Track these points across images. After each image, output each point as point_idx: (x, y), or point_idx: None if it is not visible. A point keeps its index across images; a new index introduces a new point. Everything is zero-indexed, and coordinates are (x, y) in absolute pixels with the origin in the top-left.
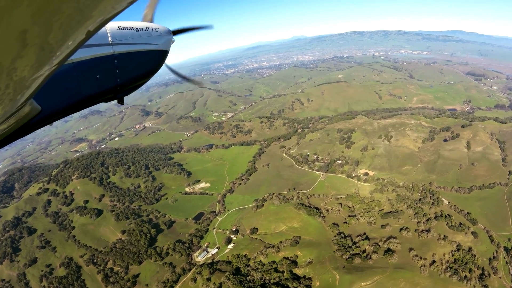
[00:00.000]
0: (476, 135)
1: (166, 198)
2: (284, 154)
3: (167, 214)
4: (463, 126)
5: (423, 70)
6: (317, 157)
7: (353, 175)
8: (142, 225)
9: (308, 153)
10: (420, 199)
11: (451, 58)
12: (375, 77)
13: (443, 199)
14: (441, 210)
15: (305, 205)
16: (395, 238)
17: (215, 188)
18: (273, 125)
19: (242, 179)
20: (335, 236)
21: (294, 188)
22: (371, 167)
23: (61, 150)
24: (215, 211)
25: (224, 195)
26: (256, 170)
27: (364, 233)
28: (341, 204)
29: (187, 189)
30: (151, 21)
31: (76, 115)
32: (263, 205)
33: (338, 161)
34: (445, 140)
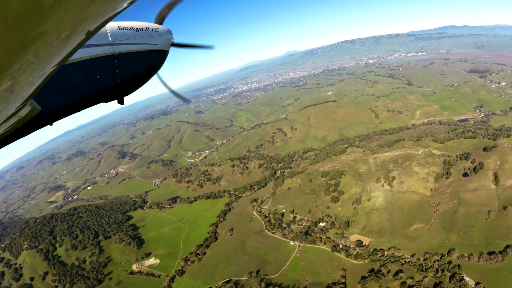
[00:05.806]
0: (504, 161)
1: (110, 279)
2: (254, 212)
3: None
4: (485, 150)
5: (422, 74)
6: (295, 217)
7: (341, 245)
8: None
9: (284, 211)
10: None
11: (449, 56)
12: (369, 90)
13: (467, 279)
14: None
15: None
16: None
17: (164, 267)
18: (247, 167)
19: (197, 254)
20: None
21: (258, 272)
22: (366, 229)
23: (40, 199)
24: None
25: (173, 279)
26: (217, 239)
27: None
28: None
29: (134, 267)
30: (163, 20)
31: (63, 156)
32: None
33: (321, 224)
34: (465, 175)
